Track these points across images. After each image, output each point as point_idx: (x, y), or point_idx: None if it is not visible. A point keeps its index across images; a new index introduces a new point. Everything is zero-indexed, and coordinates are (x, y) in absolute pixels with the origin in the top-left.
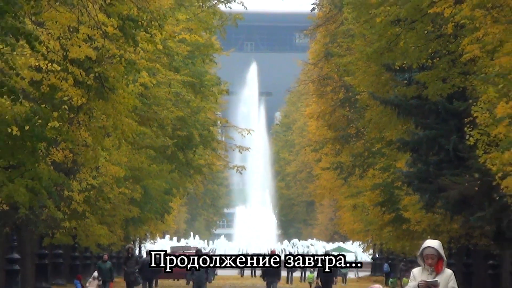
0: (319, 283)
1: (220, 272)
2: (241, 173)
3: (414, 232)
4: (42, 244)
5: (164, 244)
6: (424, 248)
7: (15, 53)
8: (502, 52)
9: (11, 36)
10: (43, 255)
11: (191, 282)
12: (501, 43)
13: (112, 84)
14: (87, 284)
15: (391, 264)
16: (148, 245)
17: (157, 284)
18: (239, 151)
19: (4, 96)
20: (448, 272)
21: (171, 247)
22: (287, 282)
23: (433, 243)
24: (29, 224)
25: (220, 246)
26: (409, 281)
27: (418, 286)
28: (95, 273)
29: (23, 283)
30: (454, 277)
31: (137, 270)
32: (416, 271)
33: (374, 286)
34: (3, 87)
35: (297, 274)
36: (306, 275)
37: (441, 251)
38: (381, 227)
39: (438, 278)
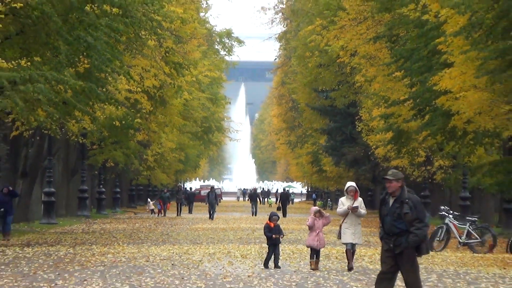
0: (280, 204)
1: (224, 198)
2: (237, 141)
3: (329, 178)
4: (132, 183)
5: (196, 184)
6: (348, 186)
7: (117, 82)
8: (375, 81)
9: (117, 73)
10: (132, 189)
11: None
12: (375, 77)
13: (168, 98)
14: (152, 204)
15: (316, 194)
16: (187, 184)
17: (193, 204)
18: (233, 136)
19: (112, 105)
20: (360, 199)
21: (200, 185)
22: (261, 203)
23: (352, 183)
24: (124, 173)
25: (226, 185)
26: (338, 206)
27: (348, 208)
28: (150, 202)
29: (122, 204)
30: (362, 201)
31: (183, 197)
32: (343, 199)
33: (313, 208)
34: (112, 99)
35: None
36: (268, 200)
37: (356, 187)
38: (311, 175)
39: (356, 203)
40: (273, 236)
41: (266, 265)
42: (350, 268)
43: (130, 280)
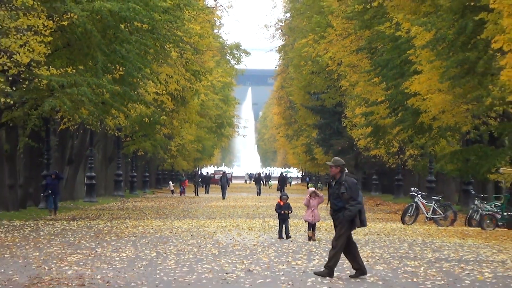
0: (279, 186)
1: (234, 181)
2: (243, 137)
3: (319, 164)
4: (158, 169)
5: (211, 169)
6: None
7: (147, 86)
8: (358, 86)
9: (146, 79)
10: (158, 173)
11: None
12: (357, 82)
13: (188, 99)
14: (172, 185)
15: (309, 177)
16: (204, 170)
17: (209, 186)
18: (240, 130)
19: (142, 105)
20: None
21: (214, 171)
22: (264, 185)
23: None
24: (152, 160)
25: (235, 170)
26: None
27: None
28: (171, 184)
29: (150, 186)
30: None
31: (200, 180)
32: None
33: (310, 189)
34: (142, 100)
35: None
36: (269, 183)
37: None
38: (305, 162)
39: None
40: (282, 212)
41: (280, 236)
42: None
43: (157, 248)
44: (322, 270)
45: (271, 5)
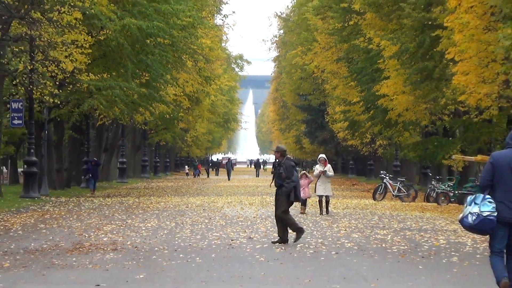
0: (272, 171)
1: (238, 165)
2: (245, 130)
3: (307, 152)
4: (177, 156)
5: (219, 156)
6: (320, 157)
7: (167, 88)
8: (337, 89)
9: (167, 83)
10: (177, 159)
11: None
12: (337, 86)
13: (201, 99)
14: (187, 169)
15: (298, 164)
16: (214, 156)
17: (219, 169)
18: (243, 125)
19: (164, 104)
20: (328, 165)
21: (222, 157)
22: (261, 169)
23: (323, 155)
24: (172, 148)
25: (238, 157)
26: (314, 171)
27: (320, 172)
28: (186, 167)
29: (170, 170)
30: (330, 166)
31: (210, 165)
32: (317, 166)
33: (302, 172)
34: (163, 100)
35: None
36: (264, 167)
37: (325, 158)
38: (295, 150)
39: (325, 168)
40: None
41: (301, 211)
42: (326, 212)
43: (175, 219)
44: (278, 239)
45: (268, 23)
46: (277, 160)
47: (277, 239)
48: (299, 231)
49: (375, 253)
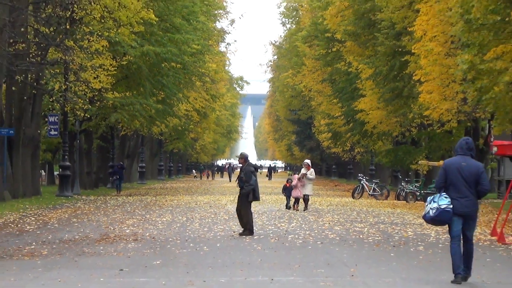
0: (268, 173)
1: (238, 169)
2: (245, 139)
3: (296, 158)
4: (187, 161)
5: (224, 161)
6: (304, 162)
7: (180, 105)
8: (322, 105)
9: (180, 100)
10: (187, 164)
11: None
12: (322, 102)
13: (208, 113)
14: (194, 172)
15: (289, 167)
16: (219, 162)
17: (223, 173)
18: (243, 135)
19: (177, 118)
20: (312, 169)
21: (225, 162)
22: (258, 172)
23: (307, 160)
24: (183, 155)
25: (238, 163)
26: (300, 173)
27: (301, 174)
28: (194, 171)
29: (182, 173)
30: (313, 171)
31: (216, 169)
32: (302, 169)
33: (295, 176)
34: (176, 115)
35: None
36: (261, 171)
37: (309, 163)
38: (286, 157)
39: (308, 172)
40: (284, 192)
41: (287, 207)
42: (304, 209)
43: (186, 214)
44: (244, 231)
45: (264, 50)
46: (241, 165)
47: (243, 231)
48: (250, 231)
49: (354, 243)
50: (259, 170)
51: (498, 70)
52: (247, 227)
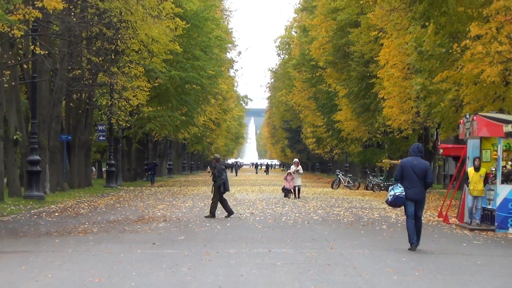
0: (265, 169)
1: (244, 166)
2: (249, 143)
3: (289, 157)
4: (205, 160)
5: (233, 160)
6: (294, 160)
7: (199, 116)
8: (308, 117)
9: (199, 114)
10: (205, 162)
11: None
12: (308, 115)
13: (221, 123)
14: (209, 168)
15: (283, 165)
16: (229, 160)
17: (232, 169)
18: (248, 140)
19: (196, 127)
20: (300, 166)
21: (234, 161)
22: (259, 168)
23: (296, 159)
24: (202, 156)
25: (245, 161)
26: (291, 169)
27: (293, 170)
28: (208, 167)
29: (201, 169)
30: (301, 167)
31: (224, 167)
32: (292, 166)
33: (288, 172)
34: (196, 125)
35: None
36: (260, 167)
37: (298, 161)
38: (281, 156)
39: (298, 168)
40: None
41: (286, 196)
42: (298, 197)
43: (204, 201)
44: (209, 215)
45: (264, 74)
46: (215, 164)
47: (226, 214)
48: (213, 215)
49: (332, 223)
50: (259, 167)
51: (443, 90)
52: (211, 214)
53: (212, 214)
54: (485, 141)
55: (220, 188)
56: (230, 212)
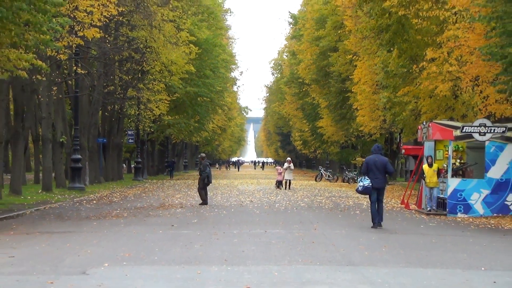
0: (261, 165)
1: (245, 163)
2: (249, 145)
3: (281, 157)
4: (214, 158)
5: (235, 158)
6: (287, 158)
7: (209, 124)
8: (297, 125)
9: (209, 122)
10: (213, 161)
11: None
12: (296, 122)
13: (226, 129)
14: (218, 165)
15: (277, 163)
16: (233, 158)
17: (235, 165)
18: (248, 142)
19: (207, 132)
20: (292, 163)
21: (237, 159)
22: (257, 165)
23: (289, 158)
24: (211, 155)
25: (246, 159)
26: (284, 165)
27: (287, 167)
28: (217, 165)
29: (210, 165)
30: (292, 164)
31: (231, 163)
32: (285, 163)
33: (280, 167)
34: (206, 130)
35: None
36: (258, 164)
37: (290, 159)
38: (275, 155)
39: (290, 165)
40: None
41: (278, 187)
42: (289, 189)
43: (212, 191)
44: (201, 202)
45: (261, 90)
46: (200, 161)
47: (201, 203)
48: (204, 203)
49: (316, 209)
50: (257, 164)
51: (405, 102)
52: (205, 200)
53: (204, 201)
54: (438, 143)
55: (204, 180)
56: (204, 202)
